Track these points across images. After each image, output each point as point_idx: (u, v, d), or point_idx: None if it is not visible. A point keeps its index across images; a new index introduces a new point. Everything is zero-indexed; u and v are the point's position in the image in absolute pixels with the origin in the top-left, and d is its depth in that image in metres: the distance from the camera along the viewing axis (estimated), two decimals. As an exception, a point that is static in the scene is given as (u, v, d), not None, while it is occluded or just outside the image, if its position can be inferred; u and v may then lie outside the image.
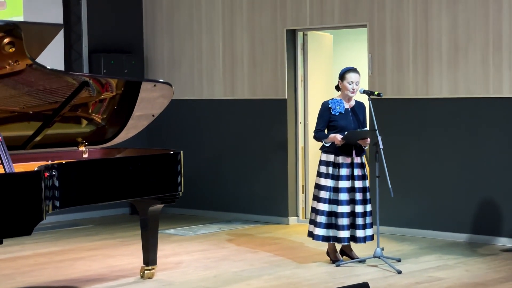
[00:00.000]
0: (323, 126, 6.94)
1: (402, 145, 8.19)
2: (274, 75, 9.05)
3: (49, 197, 5.20)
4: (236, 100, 9.37)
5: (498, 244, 7.63)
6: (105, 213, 9.64)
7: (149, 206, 6.38)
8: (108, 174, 5.88)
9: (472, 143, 7.81)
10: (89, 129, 6.48)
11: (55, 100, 5.99)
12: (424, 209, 8.08)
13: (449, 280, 6.31)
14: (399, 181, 7.88)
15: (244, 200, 9.31)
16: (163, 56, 9.93)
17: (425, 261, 7.01)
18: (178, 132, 9.81)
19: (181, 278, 6.51)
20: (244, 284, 6.30)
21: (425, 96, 8.05)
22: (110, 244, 8.00)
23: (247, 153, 9.30)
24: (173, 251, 7.60)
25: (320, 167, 6.94)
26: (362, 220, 6.88)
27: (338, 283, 6.24)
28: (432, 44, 7.98)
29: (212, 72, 9.53)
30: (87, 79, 5.98)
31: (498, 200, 7.67)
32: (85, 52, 9.51)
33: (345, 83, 6.92)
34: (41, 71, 5.55)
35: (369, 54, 8.39)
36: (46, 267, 6.95)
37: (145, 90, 6.32)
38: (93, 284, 6.34)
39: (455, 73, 7.86)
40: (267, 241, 8.04)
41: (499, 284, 6.17)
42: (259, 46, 9.15)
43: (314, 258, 7.19)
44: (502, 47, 7.59)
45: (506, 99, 7.60)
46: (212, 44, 9.51)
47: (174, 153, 6.38)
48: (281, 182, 9.03)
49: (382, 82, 8.28)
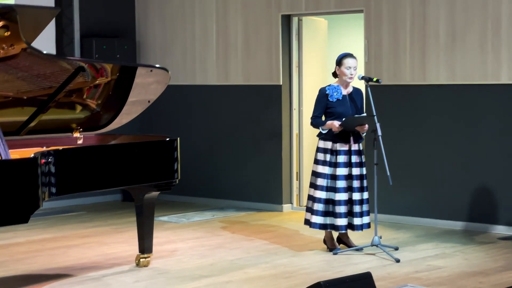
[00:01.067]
0: (320, 113, 6.86)
1: (398, 132, 8.12)
2: (268, 60, 8.96)
3: (45, 184, 5.11)
4: (229, 86, 9.27)
5: (495, 232, 7.59)
6: (97, 200, 9.54)
7: (145, 193, 6.30)
8: (105, 160, 5.79)
9: (470, 130, 7.76)
10: (84, 115, 6.38)
11: (49, 85, 5.88)
12: (421, 197, 8.03)
13: (448, 269, 6.26)
14: (395, 168, 7.80)
15: (238, 187, 9.23)
16: (156, 41, 9.81)
17: (423, 249, 6.97)
18: (171, 119, 9.70)
19: (177, 266, 6.43)
20: (241, 272, 6.24)
21: (422, 83, 7.98)
22: (104, 231, 7.91)
23: (241, 140, 9.22)
24: (167, 238, 7.52)
25: (318, 154, 6.86)
26: (359, 207, 6.82)
27: (336, 271, 6.19)
28: (430, 29, 7.91)
29: (205, 57, 9.42)
30: (83, 64, 5.86)
31: (495, 187, 7.63)
32: (76, 36, 9.38)
33: (342, 69, 6.83)
34: (36, 56, 5.43)
35: (365, 40, 8.31)
36: (39, 255, 6.85)
37: (140, 76, 6.22)
38: (88, 272, 6.26)
39: (453, 59, 7.79)
40: (262, 229, 7.97)
41: (499, 273, 6.13)
42: (253, 31, 9.05)
43: (310, 246, 7.13)
44: (500, 33, 7.53)
45: (504, 86, 7.54)
46: (206, 29, 9.40)
47: (170, 140, 6.29)
48: (275, 169, 8.96)
49: (379, 68, 8.20)
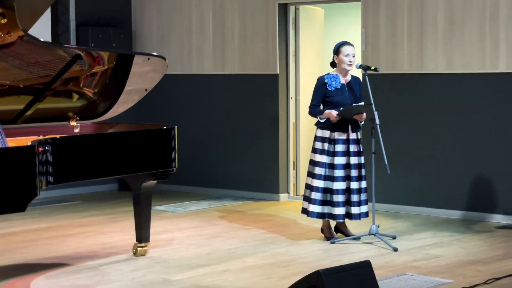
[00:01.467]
0: (319, 102, 6.83)
1: (396, 121, 8.10)
2: (265, 49, 8.92)
3: (43, 173, 5.08)
4: (226, 75, 9.24)
5: (493, 221, 7.58)
6: (93, 189, 9.51)
7: (142, 182, 6.27)
8: (103, 149, 5.76)
9: (468, 119, 7.74)
10: (80, 103, 6.35)
11: (46, 74, 5.85)
12: (419, 186, 8.02)
13: (446, 258, 6.25)
14: (393, 157, 7.78)
15: (234, 177, 9.21)
16: (152, 30, 9.76)
17: (421, 238, 6.96)
18: (167, 108, 9.67)
19: (174, 255, 6.41)
20: (238, 261, 6.22)
21: (420, 72, 7.96)
22: (100, 220, 7.88)
23: (237, 129, 9.19)
24: (164, 228, 7.50)
25: (316, 143, 6.84)
26: (357, 197, 6.80)
27: (333, 260, 6.18)
28: (427, 18, 7.88)
29: (202, 46, 9.38)
30: (80, 52, 5.82)
31: (493, 177, 7.62)
32: (72, 25, 9.33)
33: (341, 57, 6.80)
34: (33, 43, 5.39)
35: (362, 29, 8.28)
36: (36, 244, 6.83)
37: (137, 64, 6.18)
38: (85, 261, 6.24)
39: (451, 48, 7.76)
40: (259, 218, 7.95)
41: (497, 261, 6.13)
42: (250, 20, 9.01)
43: (308, 235, 7.11)
44: (499, 22, 7.50)
45: (502, 75, 7.53)
46: (202, 18, 9.35)
47: (168, 129, 6.26)
48: (272, 159, 8.93)
49: (376, 57, 8.18)
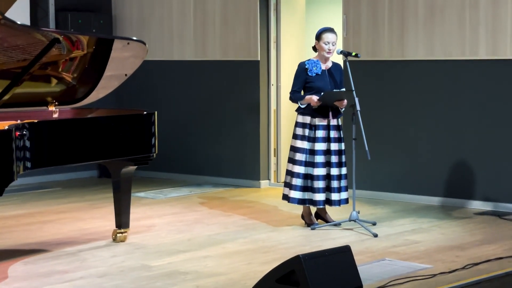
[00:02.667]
0: (299, 88, 6.82)
1: (376, 107, 8.10)
2: (246, 36, 8.88)
3: (20, 157, 5.03)
4: (207, 62, 9.20)
5: (472, 207, 7.61)
6: (72, 176, 9.46)
7: (121, 168, 6.23)
8: (81, 134, 5.71)
9: (448, 106, 7.75)
10: (59, 88, 6.29)
11: (23, 58, 5.78)
12: (398, 173, 8.03)
13: (425, 243, 6.27)
14: (374, 143, 7.78)
15: (215, 163, 9.18)
16: (132, 15, 9.69)
17: (400, 224, 6.97)
18: (148, 94, 9.61)
19: (154, 241, 6.39)
20: (219, 247, 6.20)
21: (401, 58, 7.96)
22: (80, 207, 7.84)
23: (218, 116, 9.15)
24: (144, 214, 7.47)
25: (296, 129, 6.82)
26: (337, 183, 6.80)
27: (314, 246, 6.18)
28: (408, 5, 7.87)
29: (182, 32, 9.32)
30: (58, 36, 5.76)
31: (472, 163, 7.64)
32: (51, 10, 9.24)
33: (321, 44, 6.79)
34: (10, 27, 5.33)
35: (344, 15, 8.26)
36: (14, 230, 6.78)
37: (116, 49, 6.13)
38: (64, 247, 6.20)
39: (431, 34, 7.76)
40: (239, 205, 7.94)
41: (475, 247, 6.15)
42: (231, 5, 8.96)
43: (288, 221, 7.11)
44: (479, 9, 7.50)
45: (482, 61, 7.54)
46: (183, 3, 9.29)
47: (148, 114, 6.22)
48: (253, 145, 8.91)
49: (357, 44, 8.16)
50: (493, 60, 7.47)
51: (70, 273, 5.48)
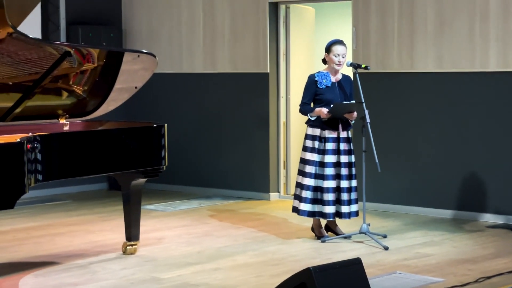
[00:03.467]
0: (309, 100, 6.82)
1: (386, 120, 8.10)
2: (255, 48, 8.90)
3: (31, 170, 5.04)
4: (216, 74, 9.21)
5: (483, 220, 7.58)
6: (83, 189, 9.47)
7: (131, 180, 6.24)
8: (92, 146, 5.72)
9: (458, 118, 7.74)
10: (70, 101, 6.31)
11: (35, 71, 5.81)
12: (409, 185, 8.01)
13: (437, 256, 6.24)
14: (384, 156, 7.77)
15: (225, 176, 9.19)
16: (142, 29, 9.73)
17: (411, 237, 6.95)
18: (157, 107, 9.64)
19: (164, 254, 6.38)
20: (229, 260, 6.20)
21: (410, 70, 7.96)
22: (90, 219, 7.84)
23: (228, 128, 9.16)
24: (154, 226, 7.47)
25: (306, 141, 6.83)
26: (347, 195, 6.79)
27: (324, 259, 6.16)
28: (418, 17, 7.87)
29: (192, 45, 9.35)
30: (69, 49, 5.79)
31: (483, 176, 7.61)
32: (62, 24, 9.29)
33: (331, 56, 6.80)
34: (22, 40, 5.35)
35: (353, 28, 8.27)
36: (25, 243, 6.79)
37: (127, 62, 6.15)
38: (74, 259, 6.20)
39: (441, 47, 7.76)
40: (249, 217, 7.93)
41: (487, 260, 6.12)
42: (241, 18, 8.99)
43: (298, 234, 7.09)
44: (488, 21, 7.50)
45: (492, 74, 7.53)
46: (192, 16, 9.32)
47: (158, 126, 6.23)
48: (262, 158, 8.91)
49: (367, 56, 8.17)
50: (503, 72, 7.46)
51: (80, 286, 5.48)
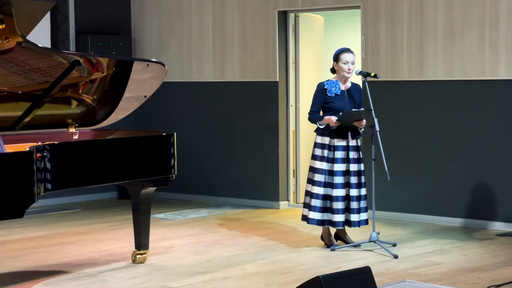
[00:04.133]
0: (318, 108, 6.82)
1: (396, 128, 8.08)
2: (265, 57, 8.91)
3: (40, 179, 5.05)
4: (226, 83, 9.22)
5: (493, 228, 7.55)
6: (92, 197, 9.48)
7: (141, 189, 6.24)
8: (101, 155, 5.73)
9: (468, 127, 7.72)
10: (79, 110, 6.33)
11: (44, 80, 5.83)
12: (419, 193, 7.99)
13: (447, 265, 6.22)
14: (393, 164, 7.76)
15: (234, 185, 9.18)
16: (151, 38, 9.75)
17: (421, 245, 6.93)
18: (167, 116, 9.65)
19: (174, 263, 6.38)
20: (238, 268, 6.19)
21: (420, 79, 7.95)
22: (99, 228, 7.85)
23: (237, 137, 9.17)
24: (163, 235, 7.47)
25: (315, 149, 6.82)
26: (356, 204, 6.77)
27: (334, 267, 6.14)
28: (427, 25, 7.87)
29: (201, 54, 9.37)
30: (78, 58, 5.81)
31: (493, 184, 7.59)
32: (72, 33, 9.33)
33: (340, 64, 6.79)
34: (31, 49, 5.38)
35: (362, 36, 8.26)
36: (35, 252, 6.80)
37: (136, 71, 6.16)
38: (84, 268, 6.21)
39: (451, 55, 7.75)
40: (259, 226, 7.92)
41: (498, 268, 6.09)
42: (250, 27, 9.00)
43: (308, 242, 7.08)
44: (498, 29, 7.49)
45: (502, 82, 7.51)
46: (202, 25, 9.34)
47: (167, 135, 6.24)
48: (272, 166, 8.91)
49: (376, 64, 8.16)
50: (513, 80, 7.45)
51: (90, 295, 5.49)
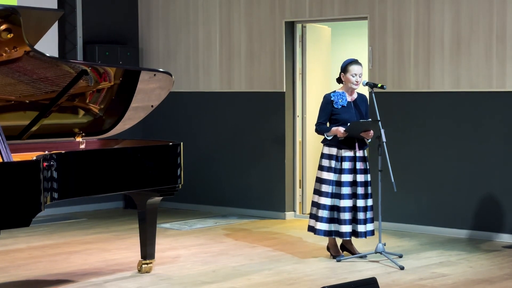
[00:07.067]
0: (325, 120, 6.82)
1: (402, 139, 8.08)
2: (272, 67, 8.92)
3: (47, 188, 5.05)
4: (233, 93, 9.24)
5: (500, 240, 7.53)
6: (98, 207, 9.49)
7: (147, 199, 6.25)
8: (108, 165, 5.74)
9: (474, 138, 7.71)
10: (86, 119, 6.34)
11: (52, 89, 5.84)
12: (425, 205, 7.97)
13: (453, 277, 6.20)
14: (400, 175, 7.75)
15: (241, 195, 9.18)
16: (159, 48, 9.78)
17: (427, 257, 6.91)
18: (174, 126, 9.66)
19: (180, 273, 6.38)
20: (244, 279, 6.18)
21: (427, 90, 7.94)
22: (105, 238, 7.85)
23: (244, 147, 9.17)
24: (170, 245, 7.47)
25: (322, 160, 6.81)
26: (363, 214, 6.76)
27: (340, 278, 6.13)
28: (434, 36, 7.87)
29: (208, 64, 9.38)
30: (86, 68, 5.82)
31: (500, 196, 7.57)
32: (79, 43, 9.36)
33: (348, 76, 6.79)
34: (39, 59, 5.39)
35: (369, 47, 8.27)
36: (40, 261, 6.80)
37: (143, 81, 6.18)
38: (90, 277, 6.21)
39: (457, 66, 7.75)
40: (265, 236, 7.91)
41: (504, 280, 6.07)
42: (257, 38, 9.02)
43: (314, 253, 7.07)
44: (506, 40, 7.48)
45: (509, 93, 7.50)
46: (209, 36, 9.37)
47: (174, 145, 6.24)
48: (278, 177, 8.90)
49: (383, 76, 8.16)
50: (520, 92, 7.45)
51: (95, 304, 5.49)
